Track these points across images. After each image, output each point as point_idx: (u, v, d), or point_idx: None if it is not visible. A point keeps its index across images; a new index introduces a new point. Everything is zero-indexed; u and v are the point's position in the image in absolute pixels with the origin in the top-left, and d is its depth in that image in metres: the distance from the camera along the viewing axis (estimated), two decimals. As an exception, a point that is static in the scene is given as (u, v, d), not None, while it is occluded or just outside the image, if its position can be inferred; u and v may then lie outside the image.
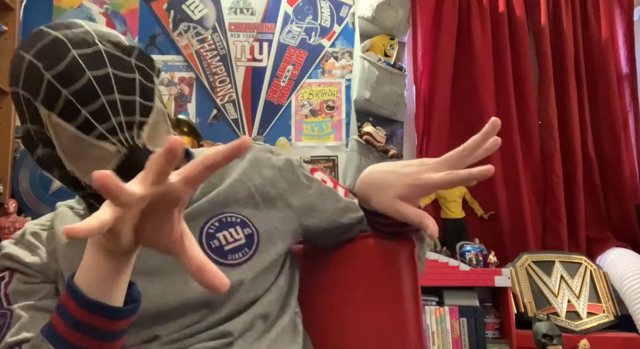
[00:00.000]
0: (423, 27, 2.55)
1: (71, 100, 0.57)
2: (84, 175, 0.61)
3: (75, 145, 0.60)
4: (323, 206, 0.79)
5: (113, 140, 0.59)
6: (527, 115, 2.52)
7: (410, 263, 0.81)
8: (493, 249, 2.20)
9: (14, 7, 2.22)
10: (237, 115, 2.62)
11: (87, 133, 0.59)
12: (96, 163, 0.59)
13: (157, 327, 0.66)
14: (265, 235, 0.73)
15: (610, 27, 2.61)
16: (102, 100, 0.58)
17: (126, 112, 0.60)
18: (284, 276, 0.78)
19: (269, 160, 0.78)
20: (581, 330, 2.04)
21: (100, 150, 0.60)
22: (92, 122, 0.58)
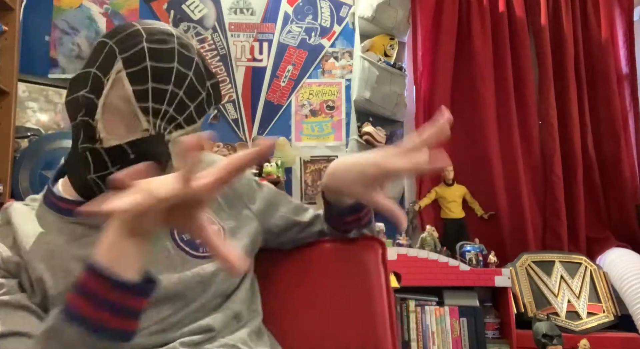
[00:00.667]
0: (423, 27, 2.55)
1: (147, 71, 0.65)
2: (105, 130, 0.65)
3: (119, 102, 0.65)
4: (278, 206, 0.85)
5: (149, 119, 0.65)
6: (527, 115, 2.52)
7: (376, 265, 0.84)
8: (493, 249, 2.20)
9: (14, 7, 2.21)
10: (237, 115, 2.62)
11: (137, 100, 0.65)
12: (124, 127, 0.65)
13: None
14: (230, 232, 0.77)
15: (610, 27, 2.62)
16: (169, 88, 0.65)
17: (177, 110, 0.67)
18: (249, 278, 0.80)
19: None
20: (581, 330, 2.04)
21: (135, 120, 0.65)
22: (148, 95, 0.64)
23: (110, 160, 0.65)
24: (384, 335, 0.80)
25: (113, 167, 0.65)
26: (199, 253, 0.72)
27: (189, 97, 0.68)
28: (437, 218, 2.45)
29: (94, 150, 0.65)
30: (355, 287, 0.83)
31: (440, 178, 2.46)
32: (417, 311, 2.01)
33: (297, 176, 2.59)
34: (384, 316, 0.81)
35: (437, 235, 2.21)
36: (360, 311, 0.82)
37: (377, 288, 0.83)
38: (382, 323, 0.80)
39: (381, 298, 0.82)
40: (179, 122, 0.68)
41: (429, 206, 2.45)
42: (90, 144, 0.66)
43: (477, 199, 2.48)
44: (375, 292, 0.82)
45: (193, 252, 0.72)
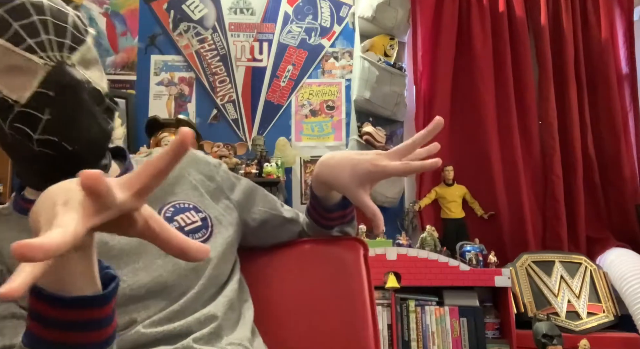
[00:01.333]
0: (423, 27, 2.55)
1: (4, 17, 0.60)
2: (10, 91, 0.61)
3: (5, 59, 0.60)
4: (256, 198, 0.87)
5: (41, 55, 0.61)
6: (527, 115, 2.52)
7: (357, 265, 0.86)
8: (493, 249, 2.19)
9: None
10: (237, 115, 2.62)
11: (16, 45, 0.60)
12: (23, 77, 0.60)
13: (131, 311, 0.66)
14: (216, 220, 0.78)
15: (610, 27, 2.62)
16: (34, 18, 0.61)
17: (58, 33, 0.62)
18: (238, 272, 0.81)
19: (205, 158, 0.85)
20: (581, 330, 2.04)
21: (28, 62, 0.60)
22: (21, 34, 0.60)
23: (36, 109, 0.60)
24: (365, 335, 0.81)
25: (43, 114, 0.60)
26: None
27: (59, 19, 0.63)
28: (437, 218, 2.45)
29: (18, 115, 0.61)
30: (337, 287, 0.85)
31: (440, 178, 2.46)
32: (417, 311, 2.01)
33: (297, 176, 2.59)
34: (365, 314, 0.82)
35: (437, 235, 2.21)
36: (342, 311, 0.83)
37: (358, 288, 0.84)
38: (363, 321, 0.82)
39: (362, 297, 0.83)
40: (68, 45, 0.63)
41: (429, 206, 2.45)
42: (9, 114, 0.61)
43: (477, 199, 2.48)
44: (356, 292, 0.84)
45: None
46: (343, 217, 0.85)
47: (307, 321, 0.84)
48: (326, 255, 0.88)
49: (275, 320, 0.83)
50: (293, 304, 0.85)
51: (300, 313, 0.84)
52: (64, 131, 0.61)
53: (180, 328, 0.67)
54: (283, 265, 0.89)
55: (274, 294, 0.85)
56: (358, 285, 0.84)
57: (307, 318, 0.84)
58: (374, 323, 0.82)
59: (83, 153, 0.64)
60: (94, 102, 0.64)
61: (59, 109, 0.61)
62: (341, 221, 0.86)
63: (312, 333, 0.83)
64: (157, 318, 0.67)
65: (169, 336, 0.67)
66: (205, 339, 0.68)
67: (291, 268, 0.88)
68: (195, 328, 0.68)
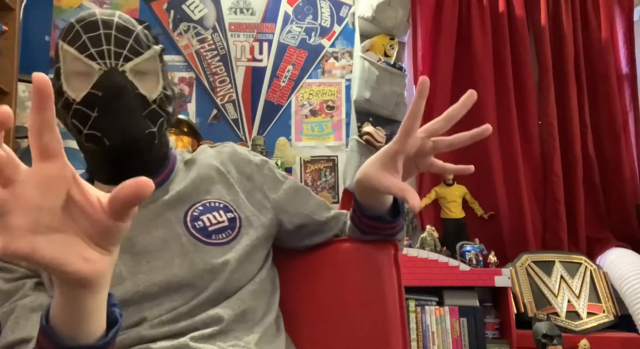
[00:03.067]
0: (423, 27, 2.55)
1: (78, 31, 0.71)
2: (72, 91, 0.70)
3: (72, 65, 0.70)
4: (298, 201, 0.86)
5: (99, 61, 0.70)
6: (527, 115, 2.52)
7: (389, 266, 0.85)
8: (493, 249, 2.19)
9: (14, 7, 2.21)
10: (237, 115, 2.62)
11: (81, 53, 0.70)
12: (83, 79, 0.69)
13: (144, 309, 0.68)
14: (247, 220, 0.79)
15: (610, 27, 2.61)
16: (101, 31, 0.71)
17: (117, 45, 0.71)
18: (265, 270, 0.81)
19: (247, 157, 0.86)
20: (581, 330, 2.04)
21: (88, 67, 0.69)
22: (87, 44, 0.70)
23: (87, 107, 0.69)
24: (395, 335, 0.80)
25: (93, 112, 0.69)
26: (211, 240, 0.74)
27: (124, 33, 0.72)
28: (437, 218, 2.45)
29: (74, 111, 0.69)
30: (367, 287, 0.84)
31: (440, 178, 2.46)
32: (417, 311, 2.01)
33: (297, 176, 2.59)
34: (396, 316, 0.82)
35: (437, 235, 2.21)
36: (372, 311, 0.82)
37: (389, 288, 0.83)
38: (394, 323, 0.81)
39: (393, 298, 0.83)
40: (124, 55, 0.71)
41: (429, 206, 2.45)
42: (69, 111, 0.70)
43: (477, 199, 2.47)
44: (387, 292, 0.83)
45: (205, 239, 0.73)
46: (380, 229, 0.83)
47: (337, 321, 0.83)
48: (358, 255, 0.86)
49: (306, 319, 0.82)
50: (324, 304, 0.85)
51: (331, 313, 0.84)
52: (105, 127, 0.69)
53: (183, 329, 0.68)
54: (315, 264, 0.88)
55: (306, 293, 0.85)
56: (389, 286, 0.84)
57: (338, 318, 0.83)
58: (403, 324, 0.81)
59: (119, 149, 0.71)
60: (137, 106, 0.71)
61: (104, 108, 0.69)
62: (379, 233, 0.84)
63: (342, 334, 0.82)
64: (165, 318, 0.67)
65: (169, 335, 0.67)
66: (205, 338, 0.68)
67: (323, 267, 0.88)
68: (198, 329, 0.68)
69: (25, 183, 0.38)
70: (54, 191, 0.39)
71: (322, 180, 2.59)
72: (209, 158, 0.83)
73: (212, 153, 0.85)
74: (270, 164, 0.88)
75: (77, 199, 0.40)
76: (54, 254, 0.39)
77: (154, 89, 0.74)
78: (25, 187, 0.38)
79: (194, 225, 0.74)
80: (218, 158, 0.84)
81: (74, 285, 0.43)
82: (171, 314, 0.68)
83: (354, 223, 0.85)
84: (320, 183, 2.58)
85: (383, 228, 0.83)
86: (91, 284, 0.43)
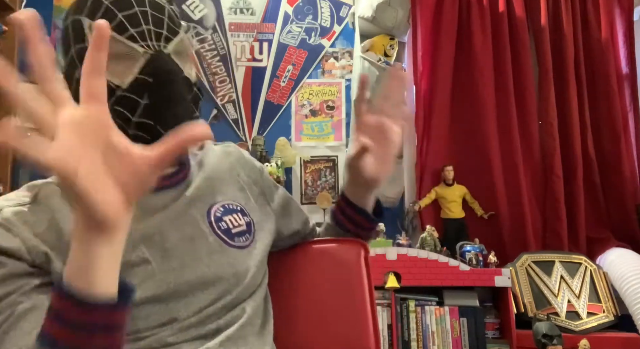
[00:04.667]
0: (423, 27, 2.55)
1: (110, 8, 0.65)
2: (113, 76, 0.64)
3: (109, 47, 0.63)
4: (291, 212, 0.89)
5: (142, 43, 0.66)
6: (527, 115, 2.52)
7: (359, 266, 0.88)
8: (493, 249, 2.19)
9: (14, 7, 2.21)
10: (237, 115, 2.62)
11: (120, 33, 0.65)
12: (125, 63, 0.65)
13: (175, 307, 0.66)
14: (258, 225, 0.79)
15: (610, 27, 2.61)
16: (136, 9, 0.66)
17: (155, 24, 0.67)
18: (265, 281, 0.81)
19: (252, 161, 0.87)
20: (581, 330, 2.04)
21: (130, 50, 0.65)
22: (125, 24, 0.65)
23: (135, 94, 0.65)
24: (366, 334, 0.82)
25: (142, 99, 0.65)
26: (234, 243, 0.73)
27: (157, 11, 0.68)
28: (437, 218, 2.45)
29: (119, 98, 0.64)
30: (337, 287, 0.87)
31: (440, 178, 2.46)
32: (417, 311, 2.01)
33: (297, 176, 2.59)
34: (366, 314, 0.83)
35: (437, 235, 2.21)
36: (342, 311, 0.85)
37: (359, 288, 0.85)
38: (365, 320, 0.83)
39: (363, 297, 0.85)
40: (165, 35, 0.68)
41: (429, 206, 2.45)
42: (111, 97, 0.63)
43: (477, 199, 2.48)
44: (357, 290, 0.85)
45: (229, 241, 0.73)
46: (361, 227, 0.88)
47: (308, 320, 0.85)
48: (327, 256, 0.89)
49: (277, 319, 0.83)
50: (294, 304, 0.86)
51: (301, 312, 0.86)
52: (159, 115, 0.66)
53: (209, 330, 0.67)
54: (286, 264, 0.90)
55: (276, 293, 0.86)
56: (358, 285, 0.86)
57: (308, 317, 0.85)
58: (374, 323, 0.83)
59: None
60: (185, 90, 0.68)
61: (156, 95, 0.65)
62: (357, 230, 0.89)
63: (313, 333, 0.84)
64: (194, 320, 0.67)
65: (198, 337, 0.67)
66: (232, 340, 0.68)
67: (293, 268, 0.90)
68: (223, 330, 0.69)
69: (72, 118, 0.41)
70: (96, 132, 0.43)
71: (322, 180, 2.59)
72: (218, 158, 0.83)
73: (219, 153, 0.84)
74: (266, 170, 0.89)
75: (116, 144, 0.44)
76: (90, 184, 0.41)
77: (192, 70, 0.71)
78: (71, 122, 0.41)
79: (218, 226, 0.73)
80: (226, 159, 0.83)
81: (93, 227, 0.44)
82: (199, 316, 0.67)
83: (336, 221, 0.89)
84: (320, 183, 2.58)
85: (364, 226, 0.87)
86: (108, 227, 0.44)
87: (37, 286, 0.60)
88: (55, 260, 0.62)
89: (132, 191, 0.45)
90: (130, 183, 0.44)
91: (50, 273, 0.62)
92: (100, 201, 0.42)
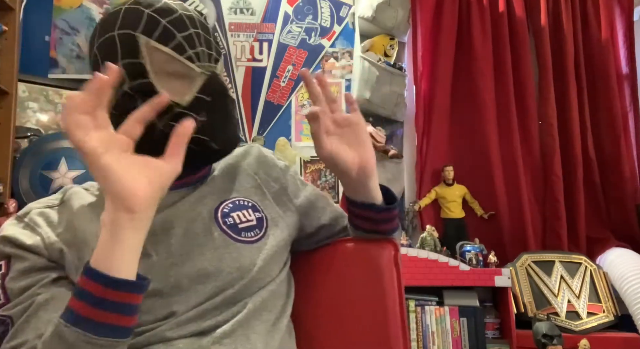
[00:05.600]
0: (423, 27, 2.55)
1: (168, 27, 0.68)
2: (173, 94, 0.67)
3: (167, 65, 0.68)
4: (318, 208, 0.88)
5: (198, 64, 0.70)
6: (527, 115, 2.52)
7: (389, 266, 0.85)
8: (493, 249, 2.20)
9: (14, 7, 2.21)
10: (237, 115, 2.62)
11: (180, 54, 0.68)
12: (183, 82, 0.69)
13: (174, 301, 0.67)
14: (273, 221, 0.79)
15: (610, 27, 2.62)
16: (191, 30, 0.70)
17: (208, 46, 0.72)
18: (284, 273, 0.81)
19: (273, 160, 0.88)
20: (581, 330, 2.04)
21: (189, 70, 0.69)
22: (184, 45, 0.69)
23: (194, 111, 0.69)
24: (395, 335, 0.81)
25: (199, 116, 0.69)
26: (241, 238, 0.74)
27: (206, 32, 0.73)
28: (437, 218, 2.45)
29: (177, 114, 0.67)
30: (367, 287, 0.84)
31: (440, 178, 2.46)
32: (417, 311, 2.01)
33: (297, 176, 2.59)
34: (396, 316, 0.82)
35: (437, 235, 2.21)
36: (372, 311, 0.83)
37: (389, 288, 0.84)
38: (394, 323, 0.81)
39: (393, 298, 0.83)
40: (214, 56, 0.73)
41: (429, 206, 2.45)
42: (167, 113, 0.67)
43: (477, 199, 2.48)
44: (387, 292, 0.83)
45: (235, 236, 0.74)
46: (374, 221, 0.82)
47: (338, 321, 0.83)
48: (356, 255, 0.87)
49: (307, 319, 0.82)
50: (325, 304, 0.85)
51: (332, 313, 0.84)
52: (215, 132, 0.71)
53: (208, 327, 0.68)
54: (317, 264, 0.89)
55: (307, 293, 0.85)
56: (389, 286, 0.84)
57: (339, 317, 0.83)
58: (403, 324, 0.81)
59: (223, 153, 0.75)
60: (233, 108, 0.74)
61: (213, 112, 0.70)
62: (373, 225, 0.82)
63: (343, 333, 0.82)
64: (192, 315, 0.67)
65: (196, 333, 0.67)
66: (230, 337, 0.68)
67: (324, 267, 0.88)
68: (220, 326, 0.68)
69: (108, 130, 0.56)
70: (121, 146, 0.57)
71: (322, 180, 2.59)
72: (236, 157, 0.85)
73: (239, 153, 0.86)
74: (292, 170, 0.90)
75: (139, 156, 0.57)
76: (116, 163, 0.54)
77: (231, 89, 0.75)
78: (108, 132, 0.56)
79: (224, 222, 0.74)
80: (245, 158, 0.85)
81: (121, 208, 0.54)
82: (197, 310, 0.67)
83: (352, 226, 0.85)
84: (321, 183, 2.58)
85: (375, 218, 0.81)
86: (134, 211, 0.54)
87: (55, 280, 0.67)
88: (69, 256, 0.68)
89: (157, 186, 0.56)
90: (154, 179, 0.56)
91: (65, 267, 0.68)
92: (124, 179, 0.54)
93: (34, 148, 2.21)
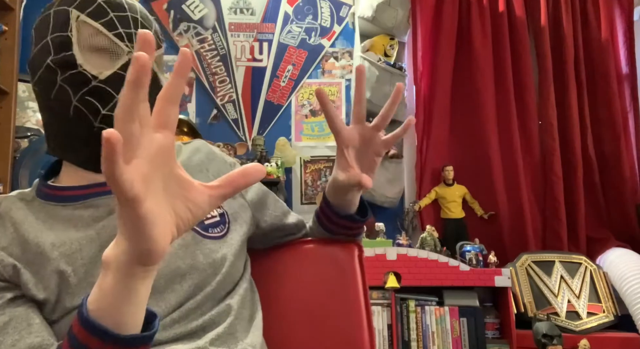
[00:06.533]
0: (423, 27, 2.55)
1: (103, 5, 0.69)
2: (92, 67, 0.67)
3: (94, 39, 0.68)
4: (268, 202, 0.88)
5: (127, 43, 0.69)
6: (527, 115, 2.52)
7: (353, 266, 0.87)
8: (493, 249, 2.20)
9: (14, 7, 2.21)
10: (237, 115, 2.62)
11: (109, 30, 0.68)
12: (106, 57, 0.68)
13: (154, 304, 0.65)
14: (232, 217, 0.79)
15: (610, 27, 2.62)
16: (128, 14, 0.70)
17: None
18: (249, 268, 0.82)
19: (222, 156, 0.87)
20: (581, 330, 2.04)
21: (115, 46, 0.68)
22: (115, 22, 0.69)
23: (112, 88, 0.66)
24: (360, 335, 0.82)
25: (117, 93, 0.66)
26: (208, 234, 0.73)
27: (147, 22, 0.73)
28: (437, 218, 2.45)
29: (92, 89, 0.66)
30: (332, 288, 0.86)
31: (440, 178, 2.46)
32: (417, 311, 2.01)
33: (297, 176, 2.59)
34: (360, 315, 0.83)
35: (437, 235, 2.21)
36: (337, 311, 0.84)
37: (353, 287, 0.85)
38: (359, 321, 0.82)
39: (357, 297, 0.85)
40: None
41: (429, 206, 2.45)
42: (84, 87, 0.66)
43: (477, 199, 2.48)
44: (351, 291, 0.85)
45: (203, 232, 0.73)
46: (349, 228, 0.87)
47: (302, 321, 0.84)
48: (322, 256, 0.89)
49: (272, 319, 0.82)
50: (289, 304, 0.86)
51: (296, 313, 0.85)
52: None
53: (196, 327, 0.67)
54: (280, 265, 0.90)
55: (271, 294, 0.86)
56: (353, 286, 0.85)
57: (303, 318, 0.84)
58: (369, 324, 0.83)
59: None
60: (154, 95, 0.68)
61: None
62: (347, 232, 0.87)
63: (308, 333, 0.83)
64: (176, 316, 0.66)
65: (185, 335, 0.66)
66: (221, 339, 0.68)
67: (287, 268, 0.89)
68: (211, 327, 0.68)
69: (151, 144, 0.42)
70: (165, 162, 0.43)
71: (322, 180, 2.59)
72: (187, 155, 0.82)
73: (188, 151, 0.84)
74: (238, 165, 0.86)
75: (179, 174, 0.45)
76: (151, 214, 0.41)
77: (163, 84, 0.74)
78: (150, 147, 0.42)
79: None
80: (195, 155, 0.83)
81: (137, 260, 0.44)
82: (180, 311, 0.67)
83: (321, 224, 0.87)
84: (321, 183, 2.58)
85: (352, 227, 0.86)
86: (152, 262, 0.44)
87: (11, 300, 0.61)
88: (24, 272, 0.62)
89: (185, 223, 0.45)
90: (186, 215, 0.45)
91: (20, 286, 0.62)
92: (156, 234, 0.42)
93: (34, 148, 2.21)
